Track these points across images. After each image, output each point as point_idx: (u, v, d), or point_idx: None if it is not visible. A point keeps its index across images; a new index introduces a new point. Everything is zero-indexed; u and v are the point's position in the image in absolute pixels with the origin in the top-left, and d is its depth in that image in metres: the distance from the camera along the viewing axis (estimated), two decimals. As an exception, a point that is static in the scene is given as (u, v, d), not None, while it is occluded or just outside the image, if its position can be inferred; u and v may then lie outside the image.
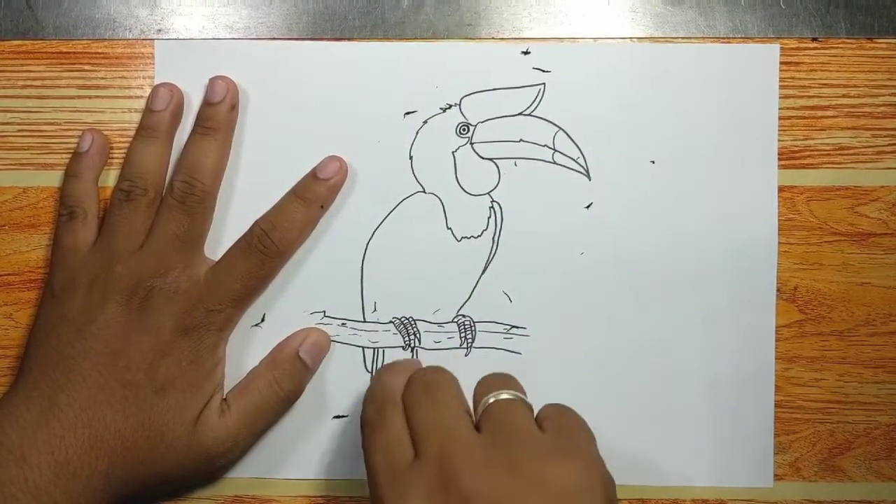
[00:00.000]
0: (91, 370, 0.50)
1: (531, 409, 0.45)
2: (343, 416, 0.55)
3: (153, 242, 0.52)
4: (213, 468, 0.53)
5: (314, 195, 0.54)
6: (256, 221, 0.53)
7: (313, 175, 0.54)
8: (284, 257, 0.54)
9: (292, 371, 0.54)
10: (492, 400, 0.45)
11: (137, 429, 0.50)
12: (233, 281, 0.52)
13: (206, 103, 0.54)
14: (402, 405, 0.45)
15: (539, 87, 0.54)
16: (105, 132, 0.55)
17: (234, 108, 0.54)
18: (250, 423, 0.53)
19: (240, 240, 0.53)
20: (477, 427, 0.44)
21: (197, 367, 0.52)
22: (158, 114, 0.54)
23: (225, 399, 0.53)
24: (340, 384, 0.55)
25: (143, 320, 0.51)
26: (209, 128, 0.54)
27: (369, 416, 0.46)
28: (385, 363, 0.53)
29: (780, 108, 0.54)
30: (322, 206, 0.54)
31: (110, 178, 0.55)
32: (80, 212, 0.53)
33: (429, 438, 0.43)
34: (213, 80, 0.54)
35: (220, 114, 0.54)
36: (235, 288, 0.52)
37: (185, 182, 0.53)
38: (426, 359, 0.55)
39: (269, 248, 0.53)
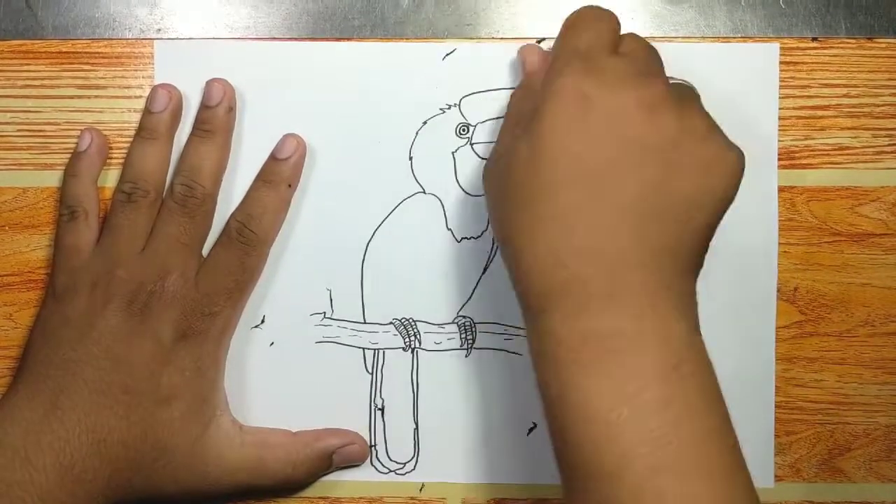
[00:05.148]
0: (92, 375, 0.50)
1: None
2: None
3: (154, 245, 0.52)
4: (207, 491, 0.52)
5: (279, 177, 0.54)
6: (231, 215, 0.53)
7: (273, 158, 0.54)
8: (266, 244, 0.54)
9: (318, 466, 0.54)
10: None
11: (141, 438, 0.50)
12: (222, 278, 0.52)
13: (204, 106, 0.54)
14: None
15: (539, 87, 0.54)
16: (104, 132, 0.55)
17: (231, 110, 0.54)
18: (252, 476, 0.52)
19: (220, 237, 0.53)
20: None
21: (200, 377, 0.52)
22: (158, 115, 0.54)
23: (242, 430, 0.53)
24: (341, 386, 0.55)
25: (144, 325, 0.51)
26: (207, 130, 0.54)
27: None
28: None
29: (779, 108, 0.54)
30: (290, 186, 0.54)
31: (109, 178, 0.55)
32: (81, 212, 0.53)
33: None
34: (209, 83, 0.54)
35: (217, 116, 0.54)
36: (226, 285, 0.52)
37: (184, 185, 0.53)
38: (426, 360, 0.55)
39: (249, 237, 0.53)
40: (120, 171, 0.54)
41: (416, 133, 0.54)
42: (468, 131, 0.54)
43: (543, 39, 0.54)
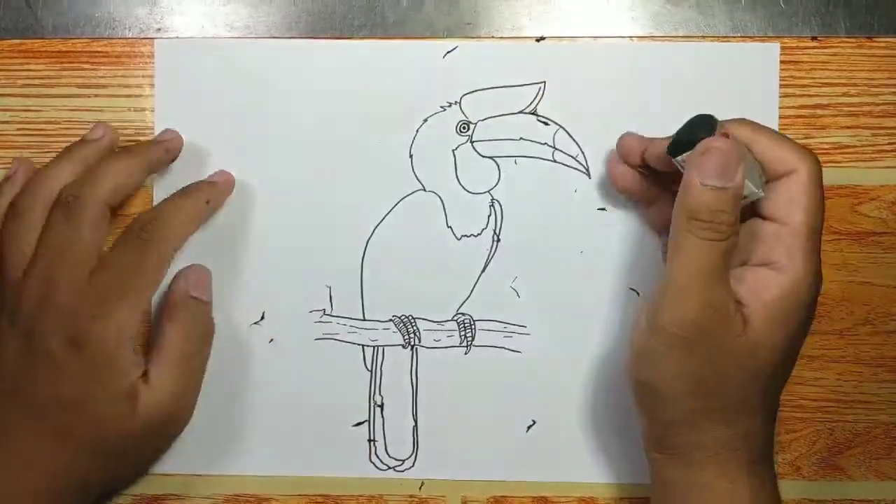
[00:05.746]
0: (3, 399, 0.50)
1: None
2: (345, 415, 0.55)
3: (37, 257, 0.50)
4: (171, 434, 0.53)
5: (199, 192, 0.53)
6: (137, 215, 0.52)
7: (202, 180, 0.54)
8: (167, 244, 0.51)
9: (195, 313, 0.53)
10: None
11: (63, 446, 0.49)
12: (117, 278, 0.50)
13: (148, 140, 0.54)
14: None
15: (539, 85, 0.54)
16: (104, 131, 0.55)
17: (168, 152, 0.53)
18: (182, 376, 0.52)
19: (119, 236, 0.51)
20: None
21: (103, 381, 0.49)
22: (84, 143, 0.53)
23: (146, 371, 0.51)
24: (340, 382, 0.55)
25: (33, 342, 0.49)
26: (132, 151, 0.53)
27: None
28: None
29: (780, 108, 0.54)
30: (208, 202, 0.53)
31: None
32: None
33: None
34: (166, 130, 0.54)
35: (153, 148, 0.53)
36: (119, 285, 0.49)
37: (74, 186, 0.50)
38: (426, 357, 0.55)
39: (152, 234, 0.50)
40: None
41: (417, 131, 0.55)
42: (469, 129, 0.54)
43: (543, 38, 0.55)
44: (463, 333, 0.54)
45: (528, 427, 0.55)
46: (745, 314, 0.45)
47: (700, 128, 0.46)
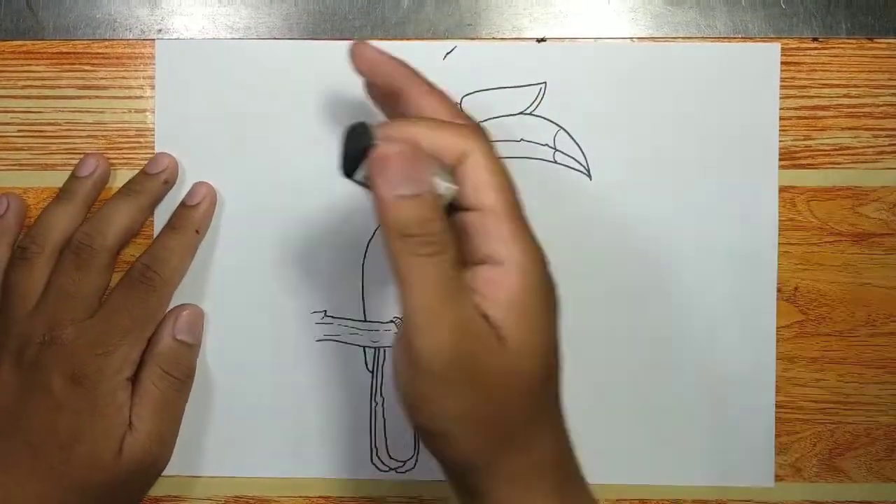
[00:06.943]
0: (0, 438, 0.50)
1: None
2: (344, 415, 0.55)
3: (45, 299, 0.51)
4: (156, 472, 0.53)
5: (188, 222, 0.54)
6: (136, 258, 0.53)
7: (183, 204, 0.54)
8: (168, 286, 0.53)
9: (177, 356, 0.53)
10: None
11: (56, 485, 0.50)
12: (120, 317, 0.51)
13: (143, 172, 0.54)
14: None
15: (540, 86, 0.54)
16: (104, 132, 0.55)
17: (167, 183, 0.54)
18: (163, 418, 0.52)
19: (121, 279, 0.53)
20: None
21: (98, 416, 0.50)
22: (80, 180, 0.54)
23: (143, 431, 0.52)
24: (341, 384, 0.55)
25: (35, 379, 0.50)
26: (134, 190, 0.54)
27: None
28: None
29: (780, 108, 0.54)
30: (197, 231, 0.54)
31: (118, 178, 0.55)
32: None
33: None
34: (159, 156, 0.54)
35: (152, 183, 0.54)
36: (124, 324, 0.51)
37: (86, 234, 0.52)
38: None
39: (152, 278, 0.52)
40: (123, 173, 0.55)
41: (417, 132, 0.54)
42: (469, 130, 0.54)
43: (544, 39, 0.55)
44: (464, 335, 0.54)
45: (529, 428, 0.55)
46: (494, 324, 0.41)
47: (360, 138, 0.41)
